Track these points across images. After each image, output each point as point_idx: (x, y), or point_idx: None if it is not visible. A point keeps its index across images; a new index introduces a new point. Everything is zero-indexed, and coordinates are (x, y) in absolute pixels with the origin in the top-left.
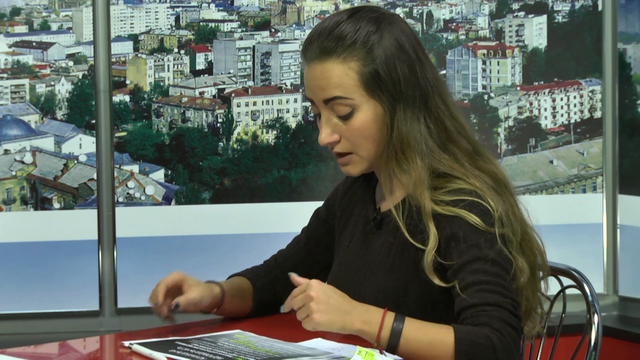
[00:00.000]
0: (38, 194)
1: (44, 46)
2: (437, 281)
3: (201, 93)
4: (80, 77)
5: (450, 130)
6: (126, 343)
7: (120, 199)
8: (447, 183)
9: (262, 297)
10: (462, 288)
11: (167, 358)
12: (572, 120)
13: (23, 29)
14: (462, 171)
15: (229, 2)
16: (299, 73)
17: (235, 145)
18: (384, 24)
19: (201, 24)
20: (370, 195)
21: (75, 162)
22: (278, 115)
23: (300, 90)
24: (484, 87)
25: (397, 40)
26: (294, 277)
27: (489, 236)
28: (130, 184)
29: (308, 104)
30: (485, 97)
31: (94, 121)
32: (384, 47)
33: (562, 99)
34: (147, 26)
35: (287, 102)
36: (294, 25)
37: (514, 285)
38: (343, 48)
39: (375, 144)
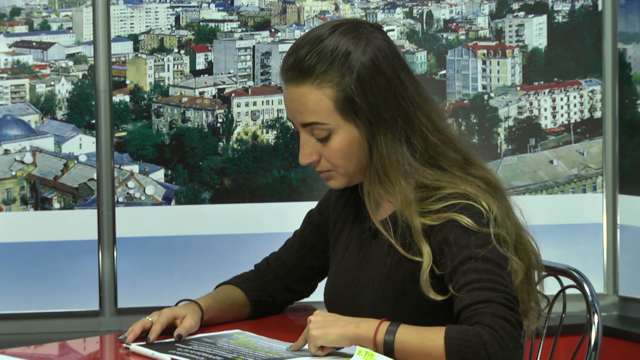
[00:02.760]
0: (38, 194)
1: (44, 46)
2: (433, 296)
3: (201, 93)
4: (80, 77)
5: (436, 145)
6: (124, 344)
7: (120, 199)
8: (435, 191)
9: (256, 296)
10: (457, 291)
11: (172, 359)
12: (572, 120)
13: (23, 29)
14: (449, 180)
15: (229, 2)
16: None
17: (235, 145)
18: (360, 44)
19: (201, 24)
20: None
21: (75, 162)
22: (278, 115)
23: None
24: (484, 87)
25: (373, 62)
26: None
27: (480, 235)
28: (130, 184)
29: None
30: (485, 97)
31: (94, 121)
32: (358, 71)
33: (562, 99)
34: (147, 26)
35: None
36: (294, 25)
37: (511, 281)
38: (318, 73)
39: (354, 163)
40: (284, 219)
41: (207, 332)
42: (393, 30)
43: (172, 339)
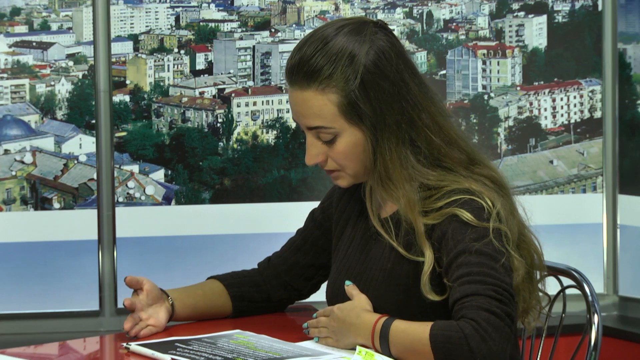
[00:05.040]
0: (38, 194)
1: (44, 46)
2: (431, 297)
3: (201, 93)
4: (80, 77)
5: (440, 146)
6: (124, 344)
7: (120, 199)
8: (438, 190)
9: (238, 292)
10: (450, 287)
11: (172, 359)
12: (572, 120)
13: (23, 29)
14: (453, 179)
15: (229, 2)
16: None
17: (235, 145)
18: (364, 47)
19: (201, 24)
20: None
21: (75, 162)
22: (278, 115)
23: None
24: (484, 87)
25: (377, 66)
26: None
27: (477, 229)
28: (130, 184)
29: None
30: (485, 97)
31: (94, 121)
32: (362, 76)
33: (562, 99)
34: (147, 26)
35: (287, 102)
36: (294, 25)
37: (507, 273)
38: (322, 78)
39: (360, 164)
40: (284, 219)
41: (206, 333)
42: (393, 30)
43: (172, 339)
